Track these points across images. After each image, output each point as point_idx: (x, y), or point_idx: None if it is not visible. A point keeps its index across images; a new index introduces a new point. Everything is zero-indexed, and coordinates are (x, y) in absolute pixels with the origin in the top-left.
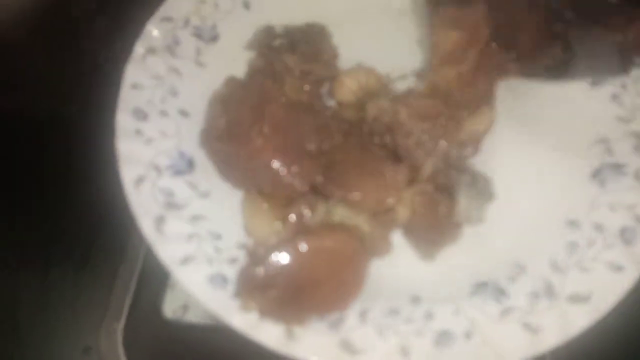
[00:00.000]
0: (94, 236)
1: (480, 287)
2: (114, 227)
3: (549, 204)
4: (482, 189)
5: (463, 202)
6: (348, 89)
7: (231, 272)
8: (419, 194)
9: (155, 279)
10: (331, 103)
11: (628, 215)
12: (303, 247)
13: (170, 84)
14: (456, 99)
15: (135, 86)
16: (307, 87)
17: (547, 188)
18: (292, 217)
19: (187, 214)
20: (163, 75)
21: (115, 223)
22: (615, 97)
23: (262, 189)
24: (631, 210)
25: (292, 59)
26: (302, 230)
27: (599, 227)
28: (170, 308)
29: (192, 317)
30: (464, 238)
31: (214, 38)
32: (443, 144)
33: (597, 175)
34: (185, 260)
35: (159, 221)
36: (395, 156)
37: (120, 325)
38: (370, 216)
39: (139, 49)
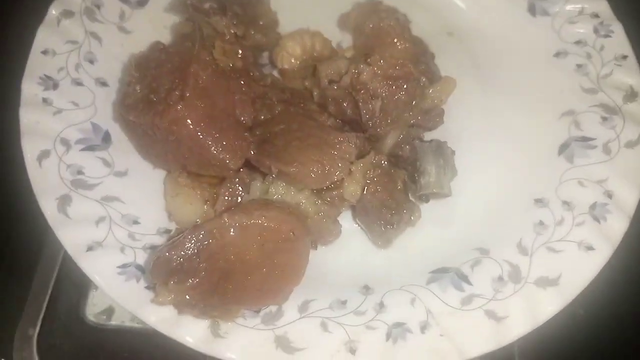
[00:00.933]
0: (9, 232)
1: (440, 274)
2: (30, 223)
3: (514, 182)
4: (449, 158)
5: (433, 171)
6: (290, 54)
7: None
8: (372, 168)
9: (76, 279)
10: (273, 72)
11: (598, 191)
12: (228, 224)
13: (88, 51)
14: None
15: (46, 52)
16: (240, 53)
17: (512, 165)
18: (223, 198)
19: (98, 195)
20: (80, 40)
21: (32, 218)
22: (579, 68)
23: (186, 167)
24: (601, 185)
25: (223, 21)
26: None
27: (567, 205)
28: (92, 311)
29: (118, 320)
30: (422, 220)
31: (141, 2)
32: (409, 110)
33: (564, 149)
34: (92, 247)
35: (64, 201)
36: (347, 126)
37: (36, 331)
38: (315, 193)
39: (53, 11)
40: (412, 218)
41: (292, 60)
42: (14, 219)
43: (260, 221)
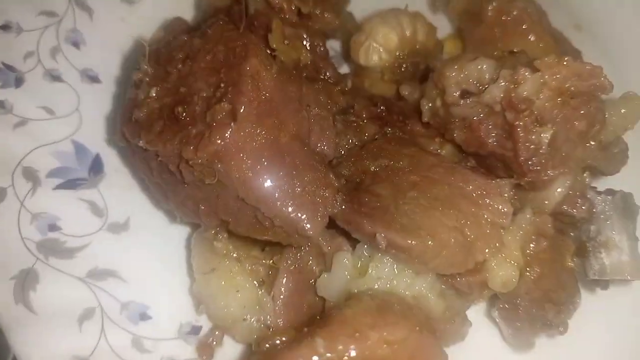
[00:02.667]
0: None
1: None
2: None
3: None
4: (636, 220)
5: (625, 244)
6: (382, 44)
7: None
8: (534, 237)
9: None
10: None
11: None
12: (328, 357)
13: (71, 28)
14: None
15: (7, 27)
16: (307, 40)
17: None
18: (285, 279)
19: (82, 267)
20: (60, 12)
21: None
22: None
23: (229, 226)
24: None
25: None
26: (301, 308)
27: None
28: None
29: None
30: (587, 315)
31: None
32: (585, 144)
33: None
34: None
35: (26, 281)
36: (471, 161)
37: None
38: (441, 278)
39: None
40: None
41: (383, 55)
42: None
43: (380, 351)
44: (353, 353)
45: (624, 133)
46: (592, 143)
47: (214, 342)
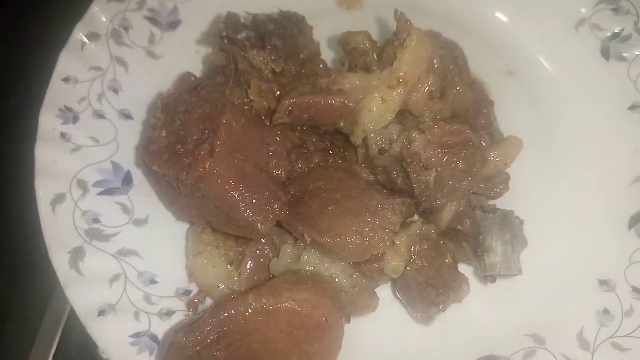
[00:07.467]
0: (25, 256)
1: None
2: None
3: (577, 258)
4: (517, 231)
5: (499, 249)
6: None
7: (165, 331)
8: (418, 241)
9: None
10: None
11: None
12: (254, 308)
13: (112, 79)
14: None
15: (68, 80)
16: (277, 93)
17: (574, 237)
18: (249, 261)
19: (114, 248)
20: (104, 67)
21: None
22: None
23: (212, 224)
24: None
25: (261, 56)
26: (260, 280)
27: (638, 292)
28: None
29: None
30: (470, 298)
31: (173, 25)
32: (468, 178)
33: (636, 223)
34: (104, 311)
35: (77, 255)
36: (389, 185)
37: None
38: (352, 265)
39: (78, 33)
40: (459, 294)
41: None
42: (26, 239)
43: (289, 305)
44: (271, 305)
45: (506, 167)
46: (476, 177)
47: (199, 301)
